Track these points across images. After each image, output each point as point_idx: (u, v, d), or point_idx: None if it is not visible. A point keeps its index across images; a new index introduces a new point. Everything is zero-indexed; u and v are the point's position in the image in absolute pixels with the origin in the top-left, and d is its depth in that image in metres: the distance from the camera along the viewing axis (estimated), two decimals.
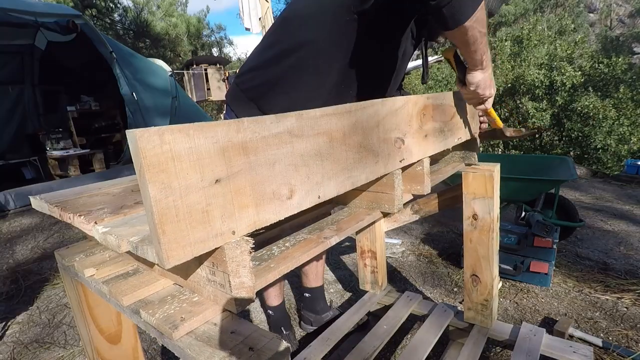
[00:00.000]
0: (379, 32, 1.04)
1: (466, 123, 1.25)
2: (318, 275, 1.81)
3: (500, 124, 1.31)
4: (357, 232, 1.75)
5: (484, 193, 1.35)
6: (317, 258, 1.75)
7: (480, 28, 0.88)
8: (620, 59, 5.96)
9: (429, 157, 1.03)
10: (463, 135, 1.24)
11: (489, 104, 1.13)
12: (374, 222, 1.60)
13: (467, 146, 1.41)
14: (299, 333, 1.85)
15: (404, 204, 0.98)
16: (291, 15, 1.11)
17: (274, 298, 1.70)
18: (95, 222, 0.66)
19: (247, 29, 5.68)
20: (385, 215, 0.98)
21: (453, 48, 1.07)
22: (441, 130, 1.08)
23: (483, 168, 1.36)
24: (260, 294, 1.90)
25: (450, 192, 1.51)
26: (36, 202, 0.84)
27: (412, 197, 1.05)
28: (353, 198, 0.99)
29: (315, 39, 1.05)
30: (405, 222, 1.64)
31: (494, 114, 1.25)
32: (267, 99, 1.13)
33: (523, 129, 1.36)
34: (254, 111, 1.15)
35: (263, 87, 1.13)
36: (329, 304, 1.93)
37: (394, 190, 0.89)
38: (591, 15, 20.64)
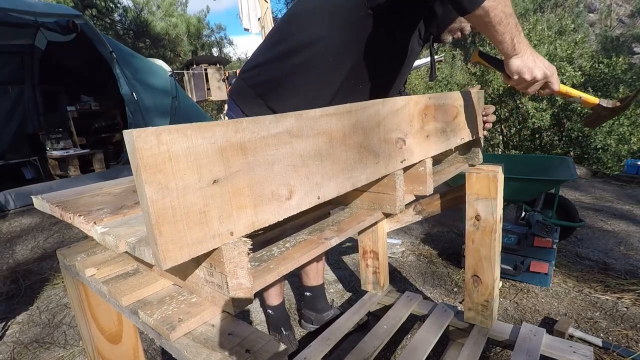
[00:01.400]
0: (391, 27, 1.03)
1: (469, 123, 1.24)
2: (318, 274, 1.80)
3: (594, 99, 1.09)
4: (359, 233, 1.75)
5: (487, 194, 1.35)
6: (317, 257, 1.75)
7: (503, 7, 0.79)
8: (620, 59, 5.95)
9: (432, 157, 1.02)
10: (466, 136, 1.23)
11: (554, 85, 0.98)
12: (375, 223, 1.60)
13: (470, 147, 1.40)
14: (299, 333, 1.85)
15: (407, 205, 0.97)
16: (299, 13, 1.09)
17: (274, 298, 1.70)
18: (95, 222, 0.66)
19: (246, 30, 5.67)
20: (387, 216, 0.97)
21: (475, 50, 1.01)
22: (443, 130, 1.07)
23: (487, 169, 1.35)
24: (260, 293, 1.90)
25: (453, 192, 1.51)
26: (38, 202, 0.84)
27: (414, 198, 1.05)
28: (354, 199, 0.99)
29: (325, 36, 1.03)
30: (408, 222, 1.64)
31: (574, 91, 1.06)
32: (275, 96, 1.12)
33: (629, 93, 1.17)
34: (261, 108, 1.13)
35: (270, 83, 1.12)
36: (330, 303, 1.92)
37: (395, 191, 0.88)
38: (591, 15, 20.63)
